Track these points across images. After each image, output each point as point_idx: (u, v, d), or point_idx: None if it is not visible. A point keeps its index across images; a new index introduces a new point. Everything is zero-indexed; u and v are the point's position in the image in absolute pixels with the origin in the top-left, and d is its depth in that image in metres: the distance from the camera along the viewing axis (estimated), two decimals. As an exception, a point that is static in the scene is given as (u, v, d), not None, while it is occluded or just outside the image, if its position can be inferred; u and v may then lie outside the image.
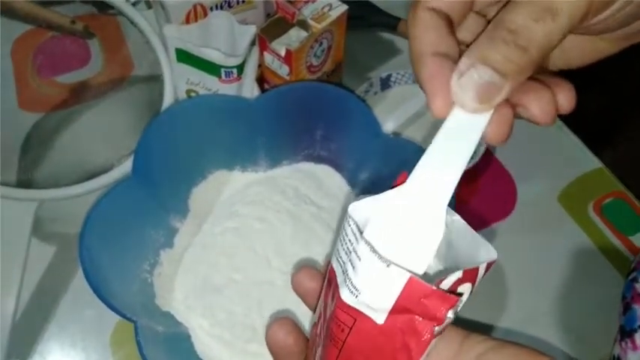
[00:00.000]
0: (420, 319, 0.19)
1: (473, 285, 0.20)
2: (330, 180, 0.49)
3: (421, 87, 0.21)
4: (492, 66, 0.19)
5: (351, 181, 0.49)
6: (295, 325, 0.26)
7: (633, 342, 0.40)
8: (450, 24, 0.22)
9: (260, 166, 0.50)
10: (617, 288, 0.46)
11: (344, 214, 0.39)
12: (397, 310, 0.20)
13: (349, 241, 0.21)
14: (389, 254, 0.20)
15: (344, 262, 0.21)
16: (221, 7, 0.49)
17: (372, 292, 0.20)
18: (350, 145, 0.48)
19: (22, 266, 0.43)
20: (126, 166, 0.46)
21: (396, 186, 0.22)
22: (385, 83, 0.57)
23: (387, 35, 0.64)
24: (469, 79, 0.19)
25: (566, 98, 0.22)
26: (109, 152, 0.50)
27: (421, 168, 0.21)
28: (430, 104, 0.21)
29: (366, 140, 0.46)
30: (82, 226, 0.39)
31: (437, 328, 0.20)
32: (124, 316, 0.38)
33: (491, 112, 0.20)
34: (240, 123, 0.47)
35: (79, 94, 0.55)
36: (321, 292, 0.25)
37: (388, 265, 0.19)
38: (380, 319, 0.20)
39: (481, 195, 0.53)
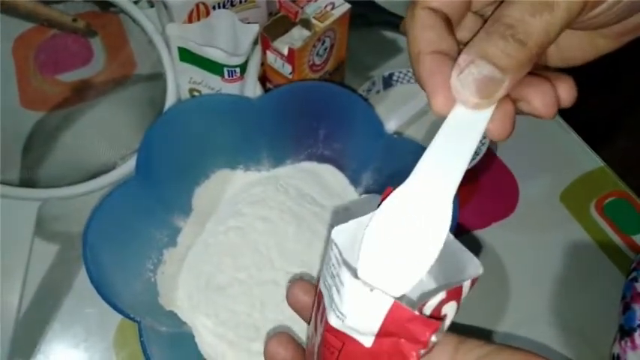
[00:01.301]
0: (406, 342, 0.19)
1: (458, 303, 0.20)
2: (333, 179, 0.49)
3: (421, 86, 0.21)
4: (492, 61, 0.19)
5: (354, 181, 0.49)
6: (293, 340, 0.26)
7: (633, 341, 0.41)
8: (449, 23, 0.22)
9: (263, 166, 0.50)
10: (619, 287, 0.46)
11: (346, 213, 0.39)
12: (383, 334, 0.20)
13: (333, 265, 0.21)
14: (375, 274, 0.20)
15: (329, 286, 0.21)
16: (223, 6, 0.48)
17: (357, 316, 0.20)
18: (353, 145, 0.48)
19: (25, 265, 0.43)
20: (128, 165, 0.46)
21: (382, 201, 0.22)
22: (388, 82, 0.57)
23: (389, 34, 0.63)
24: (469, 74, 0.19)
25: (566, 91, 0.22)
26: (112, 151, 0.50)
27: (422, 167, 0.21)
28: (431, 102, 0.21)
29: (368, 139, 0.46)
30: (85, 226, 0.39)
31: (422, 351, 0.20)
32: (127, 316, 0.38)
33: (493, 108, 0.20)
34: (243, 122, 0.47)
35: (81, 93, 0.55)
36: (313, 306, 0.25)
37: (372, 290, 0.19)
38: (367, 342, 0.20)
39: (483, 194, 0.53)
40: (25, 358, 0.44)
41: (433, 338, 0.19)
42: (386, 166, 0.47)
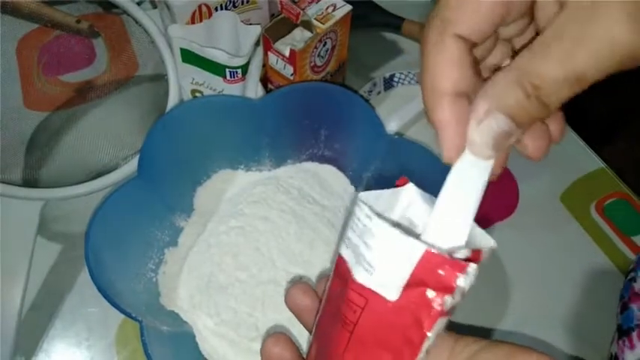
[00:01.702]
0: (432, 291, 0.20)
1: (478, 263, 0.21)
2: (334, 180, 0.50)
3: (433, 124, 0.21)
4: (511, 116, 0.19)
5: (355, 181, 0.50)
6: (290, 341, 0.26)
7: (630, 340, 0.41)
8: (472, 52, 0.21)
9: (264, 166, 0.50)
10: (618, 288, 0.46)
11: (348, 213, 0.39)
12: (411, 283, 0.20)
13: (362, 223, 0.21)
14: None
15: (356, 245, 0.21)
16: (226, 7, 0.49)
17: (388, 266, 0.20)
18: (354, 145, 0.48)
19: (28, 265, 0.43)
20: (131, 166, 0.47)
21: (397, 186, 0.23)
22: (388, 83, 0.58)
23: (390, 35, 0.64)
24: (488, 127, 0.19)
25: (557, 131, 0.22)
26: (114, 151, 0.50)
27: (435, 218, 0.21)
28: (443, 151, 0.21)
29: (369, 140, 0.47)
30: (87, 226, 0.39)
31: (448, 299, 0.20)
32: (129, 315, 0.38)
33: (494, 160, 0.21)
34: (245, 123, 0.47)
35: (84, 94, 0.55)
36: (318, 310, 0.25)
37: (407, 238, 0.19)
38: (393, 295, 0.20)
39: (483, 194, 0.53)
40: (28, 357, 0.44)
41: (461, 282, 0.19)
42: (387, 166, 0.47)
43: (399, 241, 0.20)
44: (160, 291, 0.43)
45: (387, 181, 0.48)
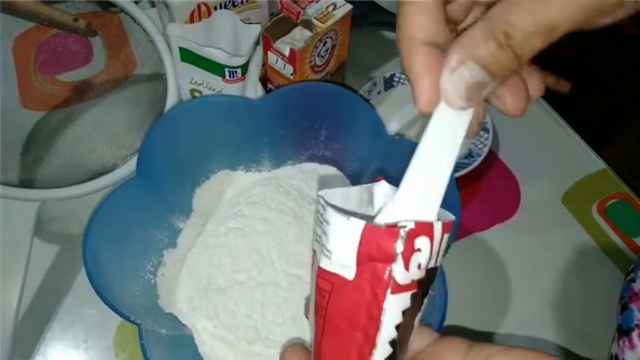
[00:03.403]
0: (378, 262, 0.21)
1: (431, 240, 0.21)
2: (334, 180, 0.49)
3: (408, 73, 0.21)
4: (484, 66, 0.19)
5: (355, 182, 0.49)
6: (307, 350, 0.27)
7: (630, 341, 0.41)
8: (444, 5, 0.21)
9: (264, 166, 0.50)
10: (619, 288, 0.46)
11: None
12: (361, 260, 0.21)
13: (320, 214, 0.23)
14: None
15: (319, 236, 0.23)
16: (225, 6, 0.48)
17: (340, 247, 0.21)
18: (354, 146, 0.48)
19: (25, 266, 0.43)
20: (129, 166, 0.46)
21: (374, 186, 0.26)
22: (389, 83, 0.57)
23: (390, 34, 0.63)
24: (460, 77, 0.19)
25: (535, 88, 0.23)
26: (112, 151, 0.49)
27: (412, 173, 0.22)
28: (417, 101, 0.21)
29: (369, 140, 0.46)
30: (85, 228, 0.38)
31: (395, 268, 0.21)
32: (127, 318, 0.37)
33: (472, 113, 0.21)
34: (244, 123, 0.46)
35: (82, 93, 0.55)
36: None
37: (348, 219, 0.21)
38: (350, 274, 0.22)
39: (484, 196, 0.53)
40: (25, 359, 0.44)
41: (399, 248, 0.20)
42: (387, 167, 0.47)
43: (344, 222, 0.21)
44: (159, 293, 0.43)
45: (387, 181, 0.47)
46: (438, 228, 0.22)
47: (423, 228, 0.21)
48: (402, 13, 0.20)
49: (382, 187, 0.25)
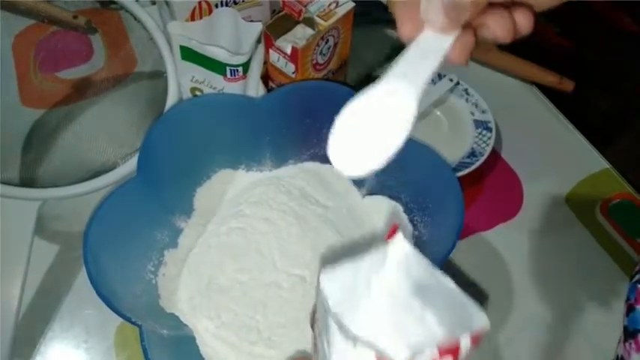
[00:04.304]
0: None
1: (456, 358, 0.19)
2: (336, 180, 0.49)
3: (391, 9, 0.23)
4: None
5: (357, 182, 0.49)
6: None
7: (637, 343, 0.40)
8: None
9: (265, 166, 0.49)
10: (623, 289, 0.45)
11: (349, 213, 0.38)
12: None
13: (321, 312, 0.21)
14: (343, 157, 0.21)
15: (320, 331, 0.21)
16: (226, 4, 0.48)
17: None
18: (356, 145, 0.48)
19: (25, 265, 0.42)
20: (129, 165, 0.46)
21: (390, 236, 0.22)
22: (391, 81, 0.57)
23: (392, 32, 0.63)
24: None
25: (524, 17, 0.24)
26: (112, 150, 0.49)
27: (392, 72, 0.22)
28: (399, 29, 0.23)
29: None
30: (85, 228, 0.38)
31: None
32: (128, 319, 0.37)
33: (455, 35, 0.22)
34: (246, 122, 0.46)
35: (82, 91, 0.54)
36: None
37: (355, 345, 0.19)
38: None
39: (487, 195, 0.53)
40: (25, 359, 0.44)
41: None
42: (389, 166, 0.46)
43: (349, 349, 0.19)
44: (160, 293, 0.43)
45: (389, 180, 0.47)
46: (465, 344, 0.19)
47: (448, 349, 0.19)
48: None
49: (398, 246, 0.22)
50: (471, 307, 0.20)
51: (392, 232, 0.22)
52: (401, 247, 0.22)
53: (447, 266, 0.39)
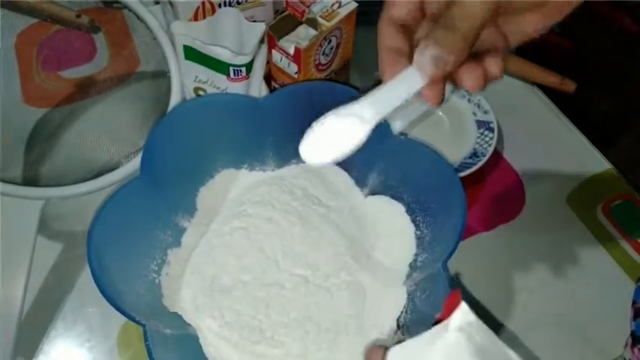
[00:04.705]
0: None
1: None
2: (339, 180, 0.49)
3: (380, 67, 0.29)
4: (442, 46, 0.26)
5: (360, 181, 0.49)
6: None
7: None
8: (405, 27, 0.30)
9: (268, 166, 0.50)
10: (625, 290, 0.46)
11: (352, 213, 0.39)
12: None
13: None
14: (312, 152, 0.28)
15: None
16: (229, 4, 0.48)
17: None
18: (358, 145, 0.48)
19: (28, 264, 0.43)
20: (133, 164, 0.46)
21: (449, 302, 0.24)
22: (393, 81, 0.57)
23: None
24: (427, 51, 0.26)
25: (493, 65, 0.29)
26: (115, 149, 0.49)
27: (367, 98, 0.28)
28: (382, 71, 0.29)
29: (374, 140, 0.45)
30: (89, 228, 0.38)
31: None
32: (132, 319, 0.37)
33: (428, 81, 0.27)
34: (249, 122, 0.46)
35: (85, 90, 0.54)
36: None
37: None
38: None
39: (489, 196, 0.53)
40: (28, 358, 0.44)
41: None
42: (391, 166, 0.47)
43: None
44: (163, 292, 0.43)
45: (391, 180, 0.47)
46: None
47: None
48: (377, 32, 0.30)
49: (461, 313, 0.23)
50: (509, 353, 0.22)
51: (452, 299, 0.24)
52: (464, 313, 0.23)
53: (449, 265, 0.39)
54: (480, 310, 0.46)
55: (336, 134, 0.27)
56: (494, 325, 0.46)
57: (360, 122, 0.27)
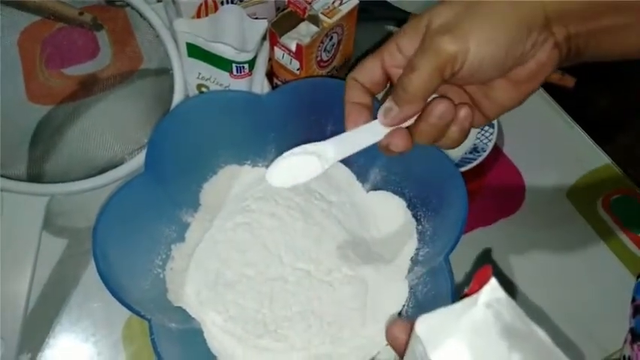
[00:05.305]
0: None
1: None
2: (341, 175, 0.49)
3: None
4: (394, 100, 0.30)
5: (361, 176, 0.50)
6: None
7: None
8: (366, 88, 0.33)
9: (270, 161, 0.50)
10: (625, 285, 0.46)
11: (353, 208, 0.39)
12: None
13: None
14: (279, 177, 0.31)
15: None
16: (232, 1, 0.48)
17: None
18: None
19: (34, 260, 0.43)
20: (137, 161, 0.46)
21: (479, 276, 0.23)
22: (394, 78, 0.57)
23: (395, 29, 0.63)
24: (384, 104, 0.30)
25: (455, 131, 0.32)
26: (119, 146, 0.50)
27: (333, 140, 0.31)
28: (347, 121, 0.32)
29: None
30: (94, 224, 0.39)
31: None
32: (138, 313, 0.38)
33: (386, 131, 0.31)
34: (251, 118, 0.47)
35: (88, 87, 0.55)
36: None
37: None
38: None
39: (489, 191, 0.53)
40: (34, 353, 0.44)
41: None
42: (392, 162, 0.47)
43: None
44: (168, 287, 0.43)
45: (392, 176, 0.48)
46: None
47: None
48: (344, 90, 0.33)
49: (490, 288, 0.23)
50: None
51: (482, 273, 0.23)
52: (493, 288, 0.23)
53: (450, 260, 0.39)
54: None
55: (298, 167, 0.31)
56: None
57: (320, 161, 0.30)
